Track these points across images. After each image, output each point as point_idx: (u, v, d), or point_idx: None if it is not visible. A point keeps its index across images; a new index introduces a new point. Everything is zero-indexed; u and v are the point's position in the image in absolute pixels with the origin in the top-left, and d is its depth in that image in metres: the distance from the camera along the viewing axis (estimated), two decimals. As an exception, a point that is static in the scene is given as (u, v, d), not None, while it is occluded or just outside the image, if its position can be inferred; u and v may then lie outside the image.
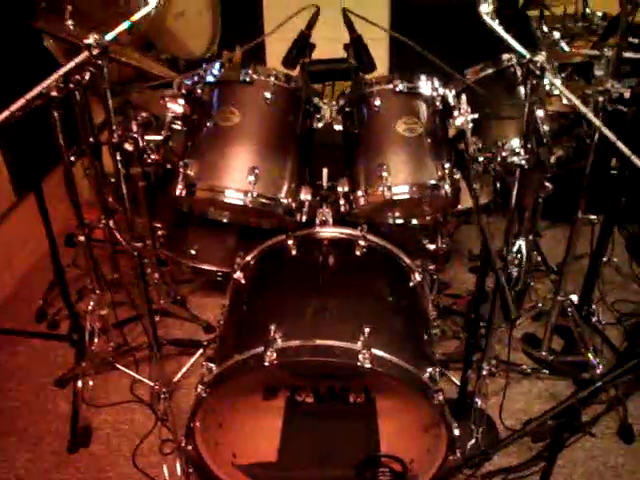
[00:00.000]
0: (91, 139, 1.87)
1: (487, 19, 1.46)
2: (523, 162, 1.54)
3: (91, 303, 2.07)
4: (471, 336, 1.81)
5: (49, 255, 2.05)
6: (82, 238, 1.96)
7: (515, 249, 2.30)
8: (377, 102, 1.58)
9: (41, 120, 1.66)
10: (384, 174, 1.53)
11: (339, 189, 1.63)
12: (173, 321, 2.44)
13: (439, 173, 1.57)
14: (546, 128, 1.70)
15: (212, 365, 1.51)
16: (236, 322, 1.66)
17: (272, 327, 1.44)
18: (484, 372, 1.88)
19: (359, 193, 1.59)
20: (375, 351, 1.40)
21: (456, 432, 1.47)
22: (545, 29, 1.81)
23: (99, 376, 2.16)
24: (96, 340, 2.10)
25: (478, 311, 1.78)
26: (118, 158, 1.57)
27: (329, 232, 1.79)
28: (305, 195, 1.62)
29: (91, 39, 1.44)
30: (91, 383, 2.06)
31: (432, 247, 2.11)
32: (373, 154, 1.59)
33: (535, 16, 2.01)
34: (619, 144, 1.37)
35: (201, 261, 1.98)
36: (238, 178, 1.51)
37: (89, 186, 2.19)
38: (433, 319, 1.87)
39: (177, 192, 1.54)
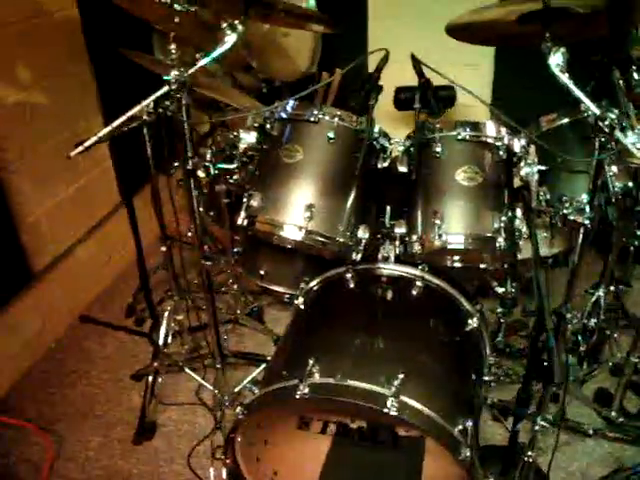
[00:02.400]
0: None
1: (556, 71, 1.42)
2: (586, 221, 1.48)
3: (168, 307, 2.25)
4: (523, 391, 1.76)
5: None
6: (163, 249, 2.14)
7: (594, 299, 2.18)
8: (438, 149, 1.58)
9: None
10: (438, 222, 1.53)
11: (396, 230, 1.65)
12: (247, 331, 2.57)
13: (495, 225, 1.54)
14: (619, 185, 1.60)
15: (254, 388, 1.59)
16: (286, 349, 1.73)
17: (311, 361, 1.49)
18: (537, 427, 1.83)
19: (414, 237, 1.60)
20: (404, 398, 1.40)
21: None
22: (636, 76, 1.70)
23: (171, 375, 2.33)
24: (170, 341, 2.27)
25: (531, 367, 1.72)
26: (192, 183, 1.71)
27: (388, 269, 1.81)
28: (363, 234, 1.65)
29: (171, 75, 1.59)
30: (160, 380, 2.23)
31: (501, 290, 2.06)
32: (430, 200, 1.59)
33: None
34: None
35: (269, 282, 2.07)
36: (295, 214, 1.58)
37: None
38: (491, 365, 1.84)
39: (239, 221, 1.64)
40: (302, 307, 1.84)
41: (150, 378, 2.21)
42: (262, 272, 2.05)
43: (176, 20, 1.64)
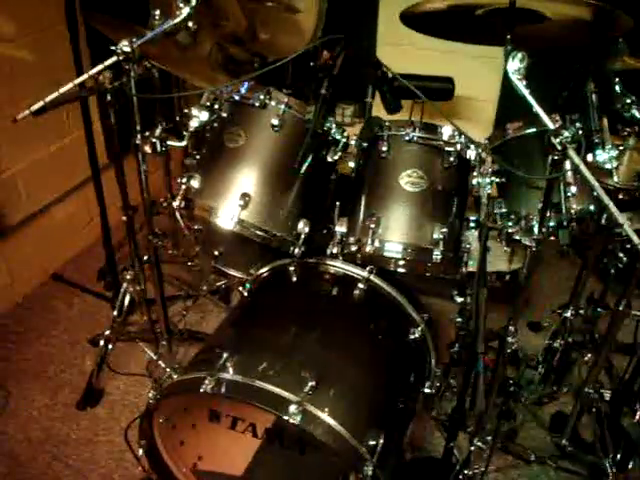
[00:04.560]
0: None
1: (513, 78, 1.30)
2: (530, 243, 1.38)
3: (127, 277, 2.22)
4: (456, 411, 1.68)
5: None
6: (124, 218, 2.11)
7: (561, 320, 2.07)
8: (384, 148, 1.49)
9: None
10: (373, 226, 1.45)
11: (337, 228, 1.57)
12: (215, 309, 2.54)
13: (435, 236, 1.45)
14: (576, 208, 1.48)
15: (174, 374, 1.57)
16: (213, 337, 1.69)
17: (225, 354, 1.45)
18: (472, 448, 1.76)
19: (351, 239, 1.52)
20: (310, 407, 1.35)
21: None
22: (618, 89, 1.56)
23: (129, 344, 2.33)
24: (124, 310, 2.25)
25: (463, 395, 1.65)
26: (140, 159, 1.67)
27: (334, 266, 1.74)
28: (302, 228, 1.58)
29: (119, 45, 1.53)
30: (113, 348, 2.22)
31: (459, 300, 1.96)
32: (371, 203, 1.51)
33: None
34: None
35: (223, 264, 2.02)
36: (229, 202, 1.52)
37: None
38: (436, 377, 1.78)
39: (176, 203, 1.59)
40: (245, 295, 1.80)
41: (102, 343, 2.20)
42: (216, 253, 2.00)
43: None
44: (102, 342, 2.20)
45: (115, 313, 2.22)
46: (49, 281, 2.65)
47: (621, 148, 1.50)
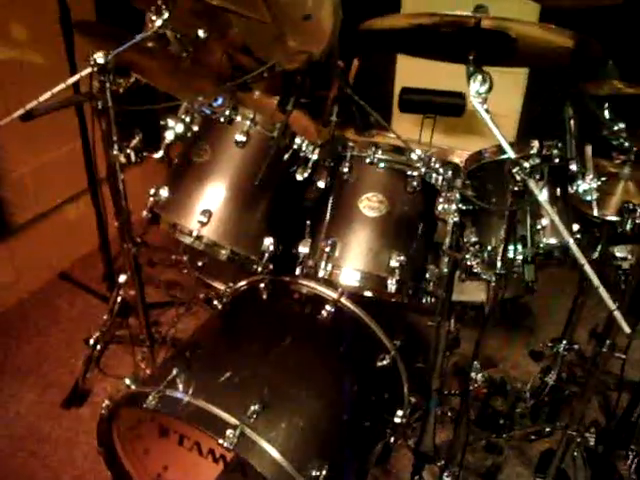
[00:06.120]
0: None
1: (475, 101, 1.23)
2: (489, 278, 1.30)
3: (121, 280, 2.25)
4: (417, 445, 1.61)
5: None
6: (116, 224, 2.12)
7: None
8: (345, 169, 1.44)
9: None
10: (327, 250, 1.40)
11: (299, 249, 1.53)
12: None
13: (392, 264, 1.38)
14: (545, 242, 1.39)
15: (133, 384, 1.56)
16: (175, 352, 1.68)
17: (174, 371, 1.44)
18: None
19: (310, 262, 1.48)
20: (248, 432, 1.31)
21: None
22: (607, 115, 1.45)
23: (122, 347, 2.36)
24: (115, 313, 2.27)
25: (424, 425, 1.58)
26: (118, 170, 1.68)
27: (306, 286, 1.70)
28: (267, 246, 1.55)
29: (94, 56, 1.55)
30: (99, 348, 2.24)
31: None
32: (331, 225, 1.46)
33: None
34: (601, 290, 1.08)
35: (207, 274, 2.02)
36: (190, 218, 1.50)
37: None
38: (410, 405, 1.71)
39: (144, 213, 1.59)
40: (219, 308, 1.79)
41: (91, 343, 2.23)
42: (200, 264, 1.99)
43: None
44: (92, 343, 2.23)
45: (105, 316, 2.25)
46: (56, 279, 2.72)
47: (604, 179, 1.39)
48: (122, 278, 2.26)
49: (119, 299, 2.29)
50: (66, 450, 2.02)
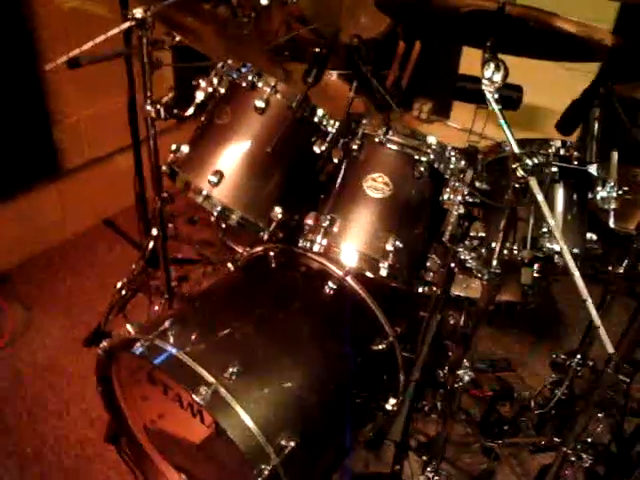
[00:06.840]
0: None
1: (486, 90, 1.18)
2: (484, 276, 1.25)
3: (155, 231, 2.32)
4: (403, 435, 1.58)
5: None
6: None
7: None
8: (354, 146, 1.41)
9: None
10: (325, 224, 1.39)
11: (306, 220, 1.52)
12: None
13: (387, 248, 1.35)
14: (549, 246, 1.31)
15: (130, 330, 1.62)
16: (178, 306, 1.72)
17: (167, 323, 1.49)
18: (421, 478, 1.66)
19: (310, 236, 1.48)
20: (222, 391, 1.34)
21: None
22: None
23: (147, 296, 2.44)
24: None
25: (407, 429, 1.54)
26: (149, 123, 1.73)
27: (314, 260, 1.70)
28: (275, 215, 1.55)
29: (134, 11, 1.59)
30: (124, 293, 2.33)
31: (452, 322, 1.84)
32: (333, 201, 1.44)
33: None
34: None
35: (229, 238, 2.05)
36: (202, 177, 1.52)
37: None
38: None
39: (163, 168, 1.63)
40: (232, 270, 1.82)
41: (118, 288, 2.32)
42: (223, 226, 2.03)
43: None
44: (118, 286, 2.33)
45: (133, 266, 2.33)
46: (100, 225, 2.85)
47: (626, 188, 1.30)
48: (154, 231, 2.35)
49: (149, 250, 2.38)
50: (79, 385, 2.13)
